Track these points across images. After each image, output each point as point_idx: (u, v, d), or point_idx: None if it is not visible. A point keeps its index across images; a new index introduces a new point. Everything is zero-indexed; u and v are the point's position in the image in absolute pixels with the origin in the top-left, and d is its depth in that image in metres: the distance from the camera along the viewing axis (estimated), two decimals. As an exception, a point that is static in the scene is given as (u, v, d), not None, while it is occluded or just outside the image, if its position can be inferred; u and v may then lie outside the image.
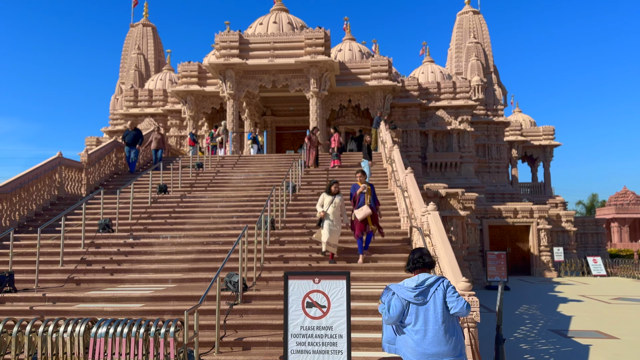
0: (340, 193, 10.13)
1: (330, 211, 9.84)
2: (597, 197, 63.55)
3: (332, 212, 9.85)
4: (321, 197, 10.15)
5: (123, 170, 18.36)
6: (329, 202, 9.94)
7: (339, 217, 9.94)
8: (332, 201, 9.92)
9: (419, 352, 4.17)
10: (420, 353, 4.17)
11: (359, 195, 10.08)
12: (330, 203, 9.93)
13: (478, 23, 32.98)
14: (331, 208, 9.87)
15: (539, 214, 25.11)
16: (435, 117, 27.41)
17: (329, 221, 9.82)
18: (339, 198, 9.98)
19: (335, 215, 9.85)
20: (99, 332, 6.24)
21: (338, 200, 9.95)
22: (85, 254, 10.96)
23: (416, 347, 4.20)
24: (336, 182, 10.11)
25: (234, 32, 23.38)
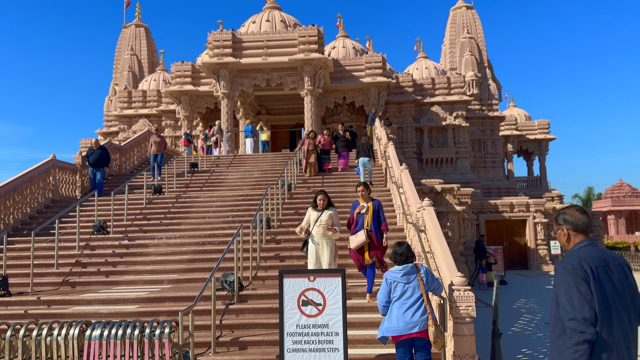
0: (332, 206, 8.25)
1: (314, 232, 7.96)
2: (593, 190, 63.73)
3: (317, 232, 7.94)
4: (307, 212, 8.26)
5: (117, 172, 18.28)
6: (314, 219, 8.04)
7: (329, 238, 8.02)
8: (318, 219, 7.99)
9: (400, 319, 5.35)
10: (400, 320, 5.34)
11: (356, 217, 8.00)
12: (316, 221, 8.00)
13: (471, 18, 32.98)
14: (315, 228, 7.96)
15: (535, 208, 25.15)
16: (430, 113, 27.41)
17: (314, 245, 7.97)
18: (327, 214, 8.01)
19: (324, 235, 7.95)
20: (94, 334, 6.21)
21: (326, 217, 7.98)
22: (80, 257, 10.90)
23: (399, 316, 5.36)
24: (323, 192, 8.18)
25: (227, 31, 23.30)
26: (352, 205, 8.21)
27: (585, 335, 2.85)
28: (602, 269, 3.03)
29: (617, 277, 3.05)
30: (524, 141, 39.38)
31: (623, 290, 3.04)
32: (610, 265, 3.07)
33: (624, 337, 2.97)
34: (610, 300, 2.98)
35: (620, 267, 3.10)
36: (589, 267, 3.01)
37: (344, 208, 12.79)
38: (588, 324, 2.87)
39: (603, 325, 2.93)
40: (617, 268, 3.08)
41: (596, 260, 3.06)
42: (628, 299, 3.04)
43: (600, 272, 3.01)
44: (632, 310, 3.05)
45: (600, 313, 2.93)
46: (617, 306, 2.99)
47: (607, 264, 3.07)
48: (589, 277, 2.97)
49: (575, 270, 3.00)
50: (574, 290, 2.95)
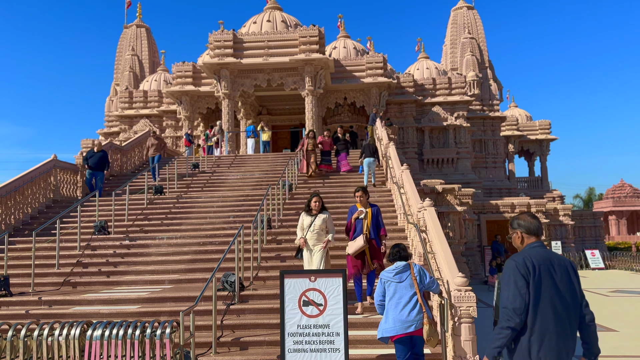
0: (325, 210, 7.94)
1: (308, 237, 7.68)
2: (595, 190, 63.65)
3: (310, 238, 7.67)
4: (300, 217, 7.94)
5: (118, 172, 18.29)
6: (307, 224, 7.74)
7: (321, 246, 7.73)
8: (311, 224, 7.70)
9: (396, 319, 5.44)
10: (397, 320, 5.43)
11: (354, 222, 7.76)
12: (309, 226, 7.70)
13: (472, 18, 32.97)
14: (309, 234, 7.67)
15: (536, 208, 25.12)
16: (431, 114, 27.39)
17: (309, 252, 7.69)
18: (320, 219, 7.71)
19: (318, 240, 7.70)
20: (95, 334, 6.21)
21: (319, 222, 7.69)
22: (81, 257, 10.91)
23: (395, 317, 5.45)
24: (316, 195, 7.88)
25: (228, 32, 23.31)
26: (349, 210, 7.99)
27: (510, 323, 3.31)
28: (544, 267, 3.39)
29: (559, 275, 3.41)
30: (525, 141, 39.35)
31: (564, 287, 3.39)
32: (554, 264, 3.43)
33: (557, 330, 3.31)
34: (548, 295, 3.34)
35: (565, 267, 3.46)
36: (532, 265, 3.39)
37: (344, 209, 12.80)
38: (516, 314, 3.30)
39: (537, 316, 3.31)
40: (562, 268, 3.44)
41: (541, 259, 3.42)
42: (568, 296, 3.38)
43: (542, 270, 3.38)
44: (571, 306, 3.39)
45: (534, 305, 3.32)
46: (554, 301, 3.35)
47: (551, 263, 3.43)
48: (529, 273, 3.36)
49: (518, 266, 3.39)
50: (512, 284, 3.37)
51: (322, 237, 7.71)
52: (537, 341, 3.31)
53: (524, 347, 3.33)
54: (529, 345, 3.32)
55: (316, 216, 7.73)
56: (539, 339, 3.30)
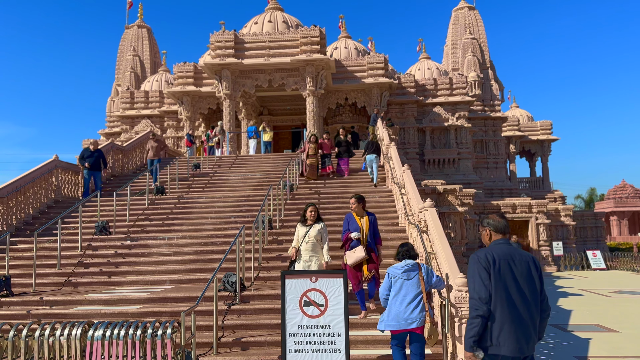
0: (321, 220, 7.80)
1: (302, 248, 7.52)
2: (596, 191, 63.57)
3: (305, 249, 7.50)
4: (296, 228, 7.84)
5: (120, 173, 18.31)
6: (302, 235, 7.61)
7: (319, 254, 7.61)
8: (306, 235, 7.57)
9: (399, 317, 5.61)
10: (399, 316, 5.60)
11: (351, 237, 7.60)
12: (303, 237, 7.58)
13: (474, 19, 32.96)
14: (303, 245, 7.53)
15: (537, 209, 25.11)
16: (433, 114, 27.39)
17: (303, 263, 7.50)
18: (315, 229, 7.58)
19: (312, 251, 7.54)
20: (96, 334, 6.21)
21: (314, 232, 7.56)
22: (83, 257, 10.93)
23: (398, 313, 5.62)
24: (312, 205, 7.77)
25: (229, 32, 23.33)
26: (345, 220, 7.75)
27: (479, 311, 3.66)
28: (504, 261, 3.76)
29: (520, 269, 3.76)
30: (527, 142, 39.33)
31: (523, 280, 3.74)
32: (515, 259, 3.79)
33: (515, 318, 3.65)
34: (507, 286, 3.69)
35: (527, 262, 3.82)
36: (492, 259, 3.76)
37: (345, 209, 12.80)
38: (482, 303, 3.66)
39: (497, 305, 3.67)
40: (523, 263, 3.80)
41: (502, 254, 3.80)
42: (527, 288, 3.72)
43: (502, 264, 3.74)
44: (530, 298, 3.71)
45: (495, 295, 3.68)
46: (513, 292, 3.69)
47: (512, 258, 3.80)
48: (490, 266, 3.73)
49: (481, 260, 3.78)
50: (477, 276, 3.74)
51: (317, 248, 7.56)
52: (497, 327, 3.65)
53: (487, 332, 3.67)
54: (491, 331, 3.67)
55: (311, 226, 7.60)
56: (498, 326, 3.65)
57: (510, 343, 3.62)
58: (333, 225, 11.69)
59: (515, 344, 3.63)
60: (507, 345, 3.62)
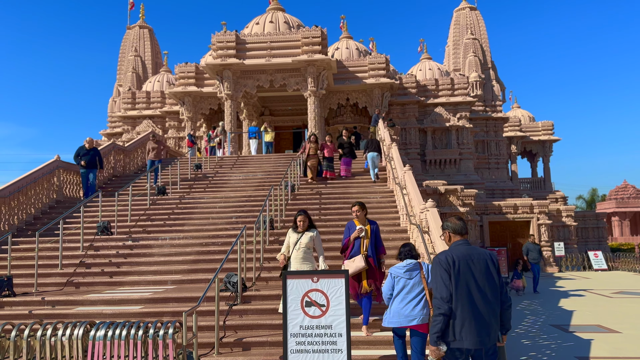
0: (314, 227, 7.54)
1: (293, 256, 7.24)
2: (597, 191, 63.43)
3: (296, 257, 7.21)
4: (287, 235, 7.54)
5: (121, 173, 18.33)
6: (293, 242, 7.36)
7: (310, 263, 7.25)
8: (297, 242, 7.30)
9: (400, 314, 5.75)
10: (401, 313, 5.75)
11: (353, 241, 7.28)
12: (294, 244, 7.31)
13: (475, 19, 32.95)
14: (294, 252, 7.25)
15: (539, 209, 25.08)
16: (434, 114, 27.38)
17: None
18: (307, 237, 7.32)
19: (304, 259, 7.21)
20: (98, 335, 6.22)
21: (306, 239, 7.30)
22: (84, 257, 10.94)
23: (398, 310, 5.77)
24: (303, 212, 7.49)
25: (231, 33, 23.35)
26: (346, 227, 7.45)
27: (440, 310, 4.01)
28: (464, 261, 4.08)
29: (478, 267, 4.09)
30: (528, 142, 39.31)
31: (482, 278, 4.07)
32: (473, 259, 4.11)
33: (476, 313, 3.99)
34: (468, 284, 4.02)
35: (485, 260, 4.14)
36: (452, 260, 4.08)
37: (347, 210, 12.79)
38: (444, 302, 4.00)
39: (458, 303, 4.00)
40: (481, 261, 4.12)
41: (461, 255, 4.11)
42: (486, 285, 4.06)
43: (462, 264, 4.07)
44: (489, 293, 4.05)
45: (456, 294, 4.01)
46: (473, 289, 4.02)
47: (470, 257, 4.11)
48: (450, 267, 4.06)
49: (441, 262, 4.11)
50: (438, 277, 4.09)
51: (308, 256, 7.25)
52: (459, 323, 4.00)
53: (450, 328, 4.03)
54: (453, 326, 4.02)
55: (303, 234, 7.34)
56: (460, 322, 4.00)
57: (471, 337, 3.98)
58: (334, 226, 11.70)
59: (476, 337, 3.98)
60: (469, 339, 3.98)
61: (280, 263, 7.40)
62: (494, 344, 4.12)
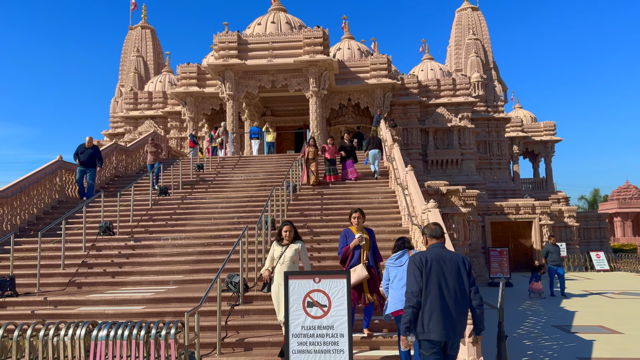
0: (299, 239, 7.10)
1: (276, 270, 6.84)
2: (600, 192, 63.39)
3: (280, 271, 6.75)
4: (271, 247, 7.13)
5: (123, 173, 18.36)
6: (277, 255, 6.95)
7: None
8: (282, 255, 6.89)
9: (398, 299, 6.09)
10: (396, 298, 6.11)
11: (352, 250, 7.08)
12: (279, 258, 6.90)
13: (477, 19, 32.93)
14: (277, 266, 6.84)
15: (541, 210, 25.05)
16: (436, 115, 27.36)
17: (275, 285, 6.82)
18: (292, 249, 6.90)
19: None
20: (100, 335, 6.24)
21: (291, 252, 6.89)
22: (87, 257, 10.96)
23: (393, 297, 6.19)
24: (288, 223, 7.06)
25: (233, 33, 23.37)
26: (342, 235, 7.14)
27: (410, 303, 4.53)
28: (436, 262, 4.58)
29: (449, 268, 4.58)
30: (530, 143, 39.26)
31: (451, 277, 4.55)
32: (445, 260, 4.61)
33: (443, 308, 4.47)
34: (436, 282, 4.51)
35: (456, 262, 4.64)
36: (425, 260, 4.59)
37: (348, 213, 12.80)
38: (413, 296, 4.51)
39: (427, 298, 4.50)
40: (452, 263, 4.61)
41: (434, 256, 4.63)
42: (455, 284, 4.54)
43: (434, 263, 4.57)
44: (458, 292, 4.52)
45: (426, 290, 4.51)
46: (441, 287, 4.51)
47: (443, 259, 4.61)
48: (422, 265, 4.57)
49: (415, 261, 4.63)
50: (411, 274, 4.61)
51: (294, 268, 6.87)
52: (427, 316, 4.49)
53: (419, 320, 4.51)
54: (422, 319, 4.50)
55: (287, 246, 6.93)
56: (428, 315, 4.48)
57: (437, 330, 4.45)
58: (336, 227, 11.71)
59: (442, 330, 4.44)
60: (435, 331, 4.45)
61: (265, 278, 6.98)
62: (458, 340, 4.61)
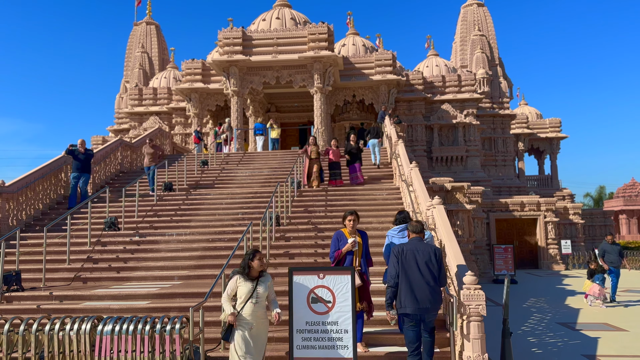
0: (266, 272, 5.89)
1: (247, 312, 5.60)
2: (605, 189, 63.08)
3: (252, 312, 5.62)
4: (232, 281, 5.76)
5: (128, 169, 18.41)
6: (246, 292, 5.65)
7: (264, 317, 5.76)
8: (253, 292, 5.65)
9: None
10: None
11: (344, 255, 6.64)
12: (250, 296, 5.64)
13: (482, 15, 32.77)
14: (249, 306, 5.62)
15: (546, 207, 24.97)
16: (441, 111, 27.28)
17: (245, 330, 5.60)
18: (264, 285, 5.74)
19: (259, 315, 5.67)
20: (105, 329, 6.26)
21: (263, 289, 5.72)
22: (92, 253, 11.01)
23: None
24: (257, 252, 5.78)
25: (237, 29, 23.34)
26: (334, 238, 6.73)
27: (390, 283, 5.84)
28: (410, 252, 5.84)
29: (421, 256, 5.80)
30: (535, 139, 39.09)
31: (423, 264, 5.76)
32: (419, 250, 5.84)
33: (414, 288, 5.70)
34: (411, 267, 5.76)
35: (428, 252, 5.84)
36: (403, 250, 5.87)
37: (352, 209, 12.78)
38: (392, 278, 5.81)
39: (402, 280, 5.76)
40: (425, 253, 5.83)
41: (410, 248, 5.89)
42: (426, 269, 5.74)
43: (408, 253, 5.83)
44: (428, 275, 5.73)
45: (402, 274, 5.77)
46: (414, 271, 5.74)
47: (417, 249, 5.85)
48: (400, 254, 5.84)
49: (394, 251, 5.91)
50: (391, 261, 5.91)
51: (264, 311, 5.78)
52: (403, 295, 5.73)
53: (398, 298, 5.77)
54: (400, 297, 5.76)
55: (258, 281, 5.72)
56: (403, 294, 5.72)
57: (411, 305, 5.67)
58: (340, 223, 11.67)
59: (414, 305, 5.66)
60: (409, 306, 5.67)
61: (231, 321, 5.58)
62: (432, 316, 5.77)
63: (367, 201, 13.18)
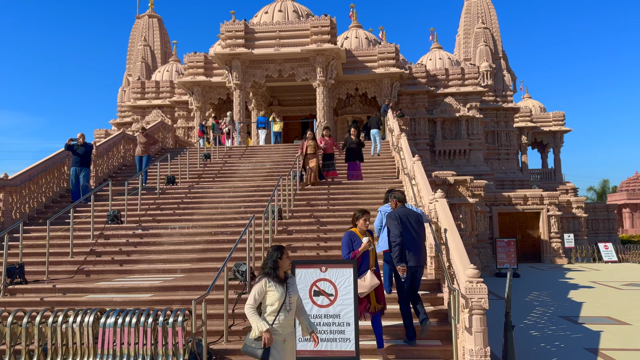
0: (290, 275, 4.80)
1: (279, 324, 4.54)
2: (609, 182, 62.74)
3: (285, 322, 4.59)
4: (258, 285, 4.56)
5: (131, 162, 18.42)
6: (278, 298, 4.55)
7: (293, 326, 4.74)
8: (284, 299, 4.57)
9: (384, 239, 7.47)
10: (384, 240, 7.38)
11: (360, 255, 6.40)
12: (282, 304, 4.56)
13: (486, 8, 32.56)
14: (283, 315, 4.56)
15: (549, 201, 24.90)
16: (444, 104, 27.18)
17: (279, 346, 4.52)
18: (294, 290, 4.73)
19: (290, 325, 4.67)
20: (108, 322, 6.29)
21: (294, 294, 4.71)
22: (95, 245, 11.03)
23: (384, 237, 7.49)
24: (282, 247, 4.73)
25: (240, 22, 23.26)
26: (346, 239, 6.46)
27: (396, 241, 6.64)
28: (404, 216, 6.84)
29: (412, 219, 6.87)
30: (539, 133, 38.93)
31: (412, 225, 6.82)
32: (409, 216, 6.88)
33: (413, 245, 6.71)
34: (406, 228, 6.73)
35: (415, 216, 6.96)
36: (398, 215, 6.83)
37: (355, 202, 12.77)
38: (397, 237, 6.63)
39: (404, 237, 6.64)
40: (413, 217, 6.91)
41: (402, 213, 6.90)
42: (416, 229, 6.84)
43: (403, 217, 6.81)
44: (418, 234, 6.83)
45: (402, 232, 6.66)
46: (409, 230, 6.74)
47: (407, 214, 6.90)
48: (397, 218, 6.78)
49: (391, 215, 6.90)
50: (392, 224, 6.78)
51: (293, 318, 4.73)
52: (406, 250, 6.65)
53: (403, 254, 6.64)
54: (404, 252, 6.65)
55: (287, 283, 4.68)
56: (406, 249, 6.66)
57: (413, 258, 6.68)
58: (343, 217, 11.69)
59: (415, 257, 6.69)
60: (412, 260, 6.66)
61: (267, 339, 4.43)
62: (422, 266, 6.84)
63: (369, 195, 13.16)
